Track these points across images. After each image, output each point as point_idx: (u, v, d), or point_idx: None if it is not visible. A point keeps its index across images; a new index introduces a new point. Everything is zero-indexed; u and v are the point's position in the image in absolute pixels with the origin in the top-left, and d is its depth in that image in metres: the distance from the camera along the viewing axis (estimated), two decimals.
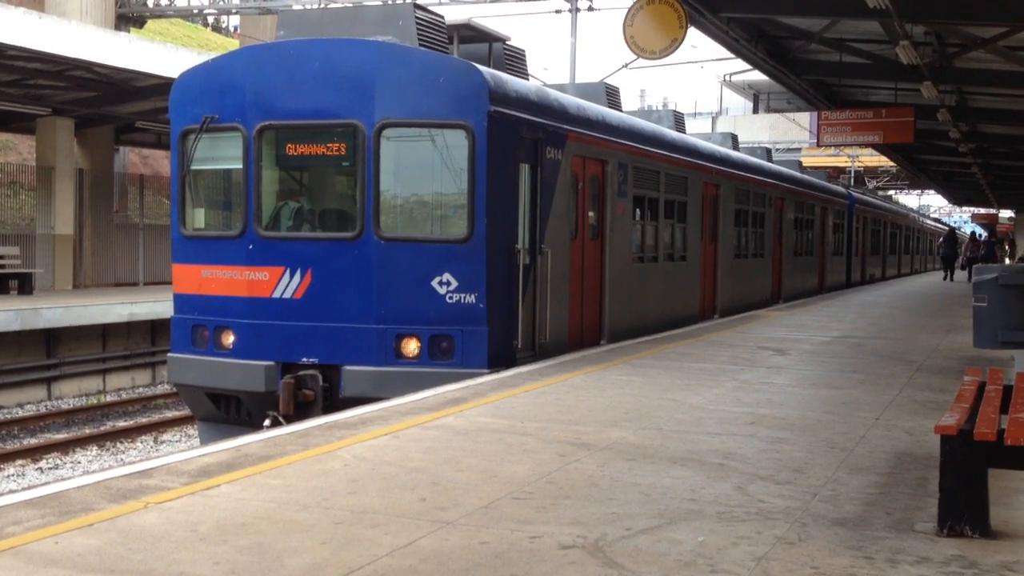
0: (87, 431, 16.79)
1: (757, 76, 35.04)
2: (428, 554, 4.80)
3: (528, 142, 11.80)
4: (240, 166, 11.29)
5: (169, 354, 11.86)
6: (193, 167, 11.64)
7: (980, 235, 57.32)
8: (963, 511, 5.19)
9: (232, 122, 11.25)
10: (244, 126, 11.18)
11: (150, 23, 34.06)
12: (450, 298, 10.78)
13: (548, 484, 6.14)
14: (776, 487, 6.17)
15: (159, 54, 20.50)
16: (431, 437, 7.49)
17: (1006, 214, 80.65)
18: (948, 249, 42.25)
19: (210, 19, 58.91)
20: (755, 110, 53.97)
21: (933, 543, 5.09)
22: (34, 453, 14.96)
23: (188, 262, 11.67)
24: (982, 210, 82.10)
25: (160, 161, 34.68)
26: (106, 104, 23.79)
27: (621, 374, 10.90)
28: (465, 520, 5.36)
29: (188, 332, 11.55)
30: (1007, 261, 51.66)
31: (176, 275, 11.85)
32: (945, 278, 41.17)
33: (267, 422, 10.40)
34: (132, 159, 32.47)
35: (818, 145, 26.64)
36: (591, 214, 13.89)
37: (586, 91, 15.95)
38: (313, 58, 11.03)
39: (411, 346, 10.76)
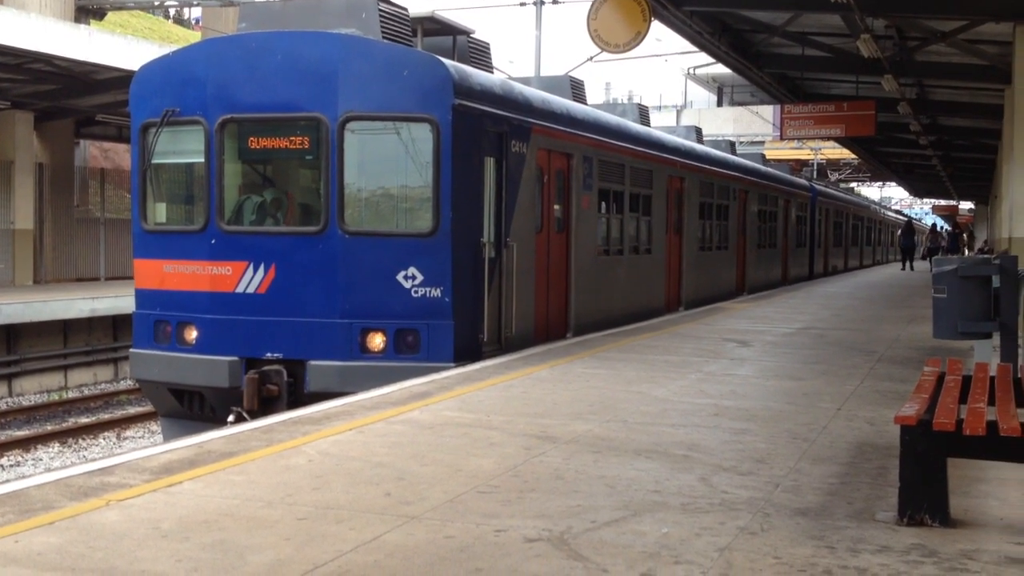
0: (49, 428, 16.61)
1: (721, 69, 35.24)
2: (393, 549, 4.79)
3: (493, 135, 11.79)
4: (202, 160, 11.20)
5: (131, 350, 11.75)
6: (154, 161, 11.53)
7: (941, 227, 58.42)
8: (923, 500, 5.25)
9: (193, 115, 11.15)
10: (206, 119, 11.09)
11: (110, 15, 33.65)
12: (415, 292, 10.76)
13: (514, 477, 6.15)
14: (739, 478, 6.22)
15: (120, 47, 20.28)
16: (396, 432, 7.47)
17: (966, 206, 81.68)
18: (907, 240, 43.43)
19: (171, 11, 58.31)
20: (719, 103, 54.29)
21: (894, 532, 5.15)
22: None
23: (150, 257, 11.57)
24: (942, 202, 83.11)
25: (121, 155, 34.28)
26: (66, 97, 23.51)
27: (587, 367, 10.93)
28: (430, 514, 5.36)
29: (150, 328, 11.46)
30: (966, 252, 52.43)
31: (138, 270, 11.75)
32: (903, 268, 42.17)
33: (231, 418, 10.34)
34: (93, 153, 32.09)
35: (781, 138, 26.87)
36: (556, 207, 13.91)
37: (551, 84, 15.95)
38: (275, 51, 10.95)
39: (376, 340, 10.73)
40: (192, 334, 11.13)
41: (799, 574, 4.50)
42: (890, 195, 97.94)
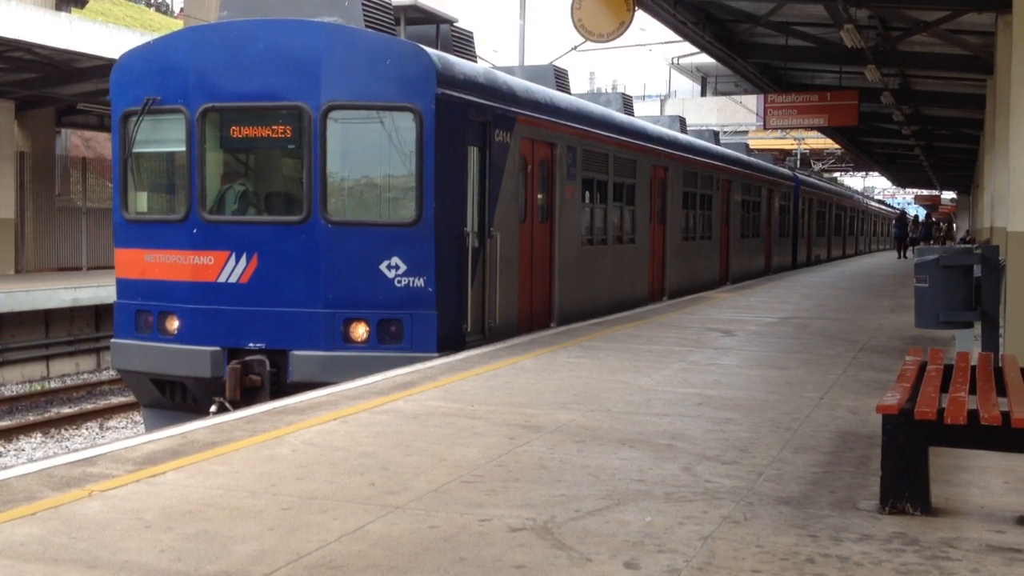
0: (31, 418, 16.53)
1: (705, 59, 35.22)
2: (377, 539, 4.79)
3: (476, 125, 11.77)
4: (183, 149, 11.13)
5: (112, 340, 11.70)
6: (135, 150, 11.46)
7: (920, 217, 61.04)
8: (904, 489, 5.27)
9: (175, 104, 11.08)
10: (187, 108, 11.02)
11: (92, 3, 33.46)
12: (399, 282, 10.74)
13: (498, 467, 6.15)
14: (722, 467, 6.24)
15: (101, 35, 20.13)
16: (380, 421, 7.46)
17: (948, 195, 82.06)
18: (899, 230, 46.66)
19: None
20: (703, 93, 54.24)
21: (876, 520, 5.18)
22: None
23: (131, 246, 11.51)
24: (925, 192, 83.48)
25: (103, 144, 34.10)
26: (47, 86, 23.35)
27: (571, 356, 10.94)
28: (415, 504, 5.36)
29: (132, 317, 11.40)
30: (947, 243, 53.01)
31: (119, 260, 11.68)
32: (899, 256, 45.17)
33: (213, 408, 10.30)
34: (74, 142, 31.93)
35: (765, 128, 26.91)
36: (540, 197, 13.90)
37: (535, 74, 15.93)
38: (257, 39, 10.89)
39: (360, 330, 10.70)
40: (174, 324, 11.08)
41: (782, 563, 4.52)
42: (873, 184, 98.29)
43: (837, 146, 49.77)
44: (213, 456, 6.36)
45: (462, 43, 13.47)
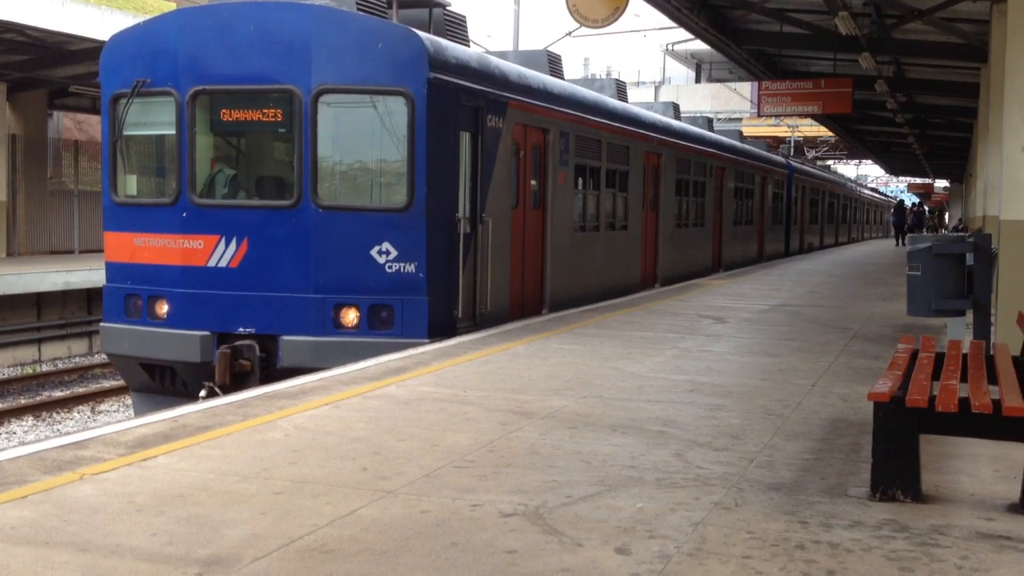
0: (22, 401, 16.50)
1: (699, 46, 35.16)
2: (369, 523, 4.79)
3: (469, 110, 11.73)
4: (173, 132, 11.08)
5: (102, 324, 11.66)
6: (125, 132, 11.40)
7: (913, 204, 62.30)
8: (895, 476, 5.28)
9: (164, 86, 11.03)
10: (177, 90, 10.97)
11: None
12: (389, 267, 10.72)
13: (490, 453, 6.15)
14: (714, 453, 6.24)
15: (93, 17, 20.03)
16: (373, 407, 7.46)
17: (941, 184, 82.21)
18: (898, 218, 48.75)
19: None
20: (697, 80, 54.19)
21: (866, 507, 5.19)
22: None
23: (120, 230, 11.46)
24: (918, 180, 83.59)
25: (95, 126, 33.94)
26: (39, 68, 23.24)
27: (563, 343, 10.94)
28: (406, 489, 5.35)
29: (121, 301, 11.36)
30: (939, 231, 53.51)
31: (108, 243, 11.64)
32: (897, 243, 46.66)
33: (203, 393, 10.29)
34: (66, 124, 31.77)
35: (758, 115, 26.87)
36: (532, 183, 13.87)
37: (528, 59, 15.87)
38: (248, 21, 10.83)
39: (350, 316, 10.68)
40: (163, 308, 11.04)
41: (772, 549, 4.52)
42: (866, 173, 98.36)
43: (831, 134, 49.82)
44: (205, 440, 6.35)
45: (455, 27, 13.41)
